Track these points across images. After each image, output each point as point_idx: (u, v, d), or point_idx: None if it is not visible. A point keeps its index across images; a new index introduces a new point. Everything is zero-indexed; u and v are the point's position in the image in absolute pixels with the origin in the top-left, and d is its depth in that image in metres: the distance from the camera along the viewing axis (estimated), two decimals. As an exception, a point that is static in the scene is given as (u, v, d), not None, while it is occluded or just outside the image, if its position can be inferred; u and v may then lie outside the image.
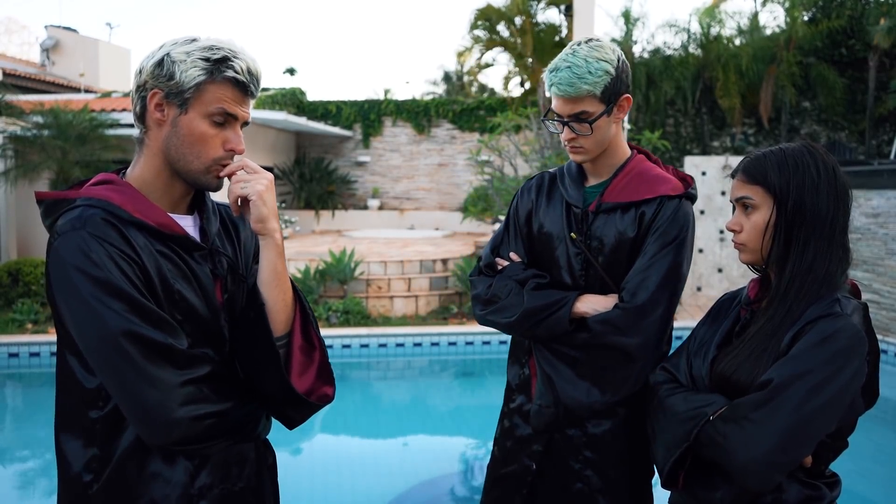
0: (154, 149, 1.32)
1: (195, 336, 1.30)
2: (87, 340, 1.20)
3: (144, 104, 1.30)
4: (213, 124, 1.30)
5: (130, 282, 1.20)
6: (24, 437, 5.60)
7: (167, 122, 1.30)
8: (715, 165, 9.31)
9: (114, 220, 1.24)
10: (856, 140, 13.28)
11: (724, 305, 1.61)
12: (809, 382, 1.29)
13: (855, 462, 4.38)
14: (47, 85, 14.73)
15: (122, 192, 1.29)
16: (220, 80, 1.28)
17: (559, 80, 1.71)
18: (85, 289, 1.18)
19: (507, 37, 14.27)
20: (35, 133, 9.16)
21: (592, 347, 1.74)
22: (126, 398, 1.20)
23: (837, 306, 1.35)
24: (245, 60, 1.30)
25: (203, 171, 1.32)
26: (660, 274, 1.71)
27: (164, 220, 1.29)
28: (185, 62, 1.27)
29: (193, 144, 1.30)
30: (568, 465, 1.80)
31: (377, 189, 15.21)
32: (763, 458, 1.29)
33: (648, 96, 12.93)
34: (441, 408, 6.24)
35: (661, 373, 1.61)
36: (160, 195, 1.34)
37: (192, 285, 1.31)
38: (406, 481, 4.22)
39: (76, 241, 1.20)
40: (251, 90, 1.32)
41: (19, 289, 8.29)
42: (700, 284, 9.42)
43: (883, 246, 7.53)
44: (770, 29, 13.58)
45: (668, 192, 1.77)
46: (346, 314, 7.78)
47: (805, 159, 1.42)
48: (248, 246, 1.48)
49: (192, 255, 1.33)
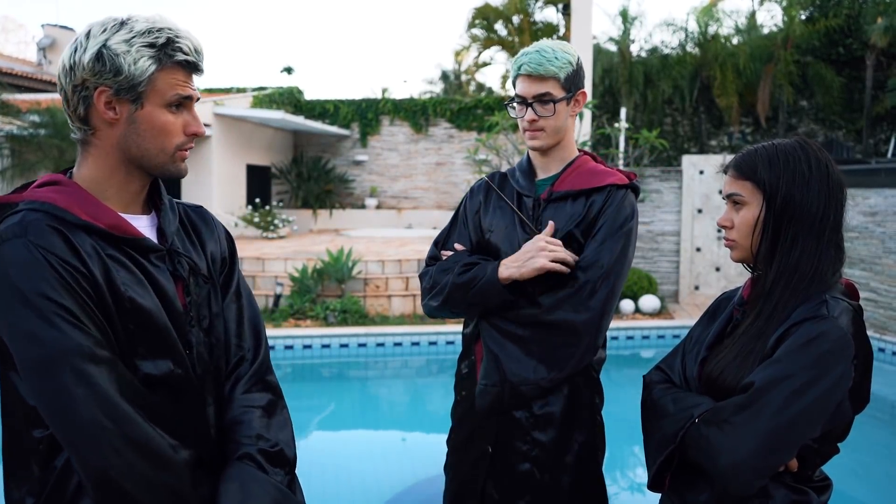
0: (106, 148, 1.22)
1: (153, 346, 1.21)
2: (24, 358, 1.10)
3: (88, 104, 1.19)
4: (170, 112, 1.22)
5: (75, 296, 1.11)
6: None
7: (121, 119, 1.20)
8: (712, 164, 9.31)
9: (58, 224, 1.14)
10: (853, 139, 13.30)
11: (721, 305, 1.59)
12: (791, 386, 1.26)
13: (853, 461, 4.38)
14: (44, 84, 14.71)
15: (68, 193, 1.20)
16: (171, 66, 1.20)
17: (528, 60, 1.82)
18: (28, 303, 1.09)
19: (504, 35, 14.29)
20: (32, 132, 9.15)
21: (541, 325, 1.80)
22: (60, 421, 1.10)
23: (824, 308, 1.30)
24: (188, 38, 1.21)
25: (169, 160, 1.25)
26: (610, 256, 1.80)
27: (115, 221, 1.20)
28: (129, 53, 1.16)
29: (156, 137, 1.22)
30: (515, 447, 1.85)
31: (375, 188, 15.20)
32: (744, 462, 1.27)
33: (646, 95, 12.95)
34: (438, 407, 6.24)
35: (656, 372, 1.59)
36: (113, 194, 1.24)
37: (148, 290, 1.21)
38: (403, 480, 4.22)
39: (16, 250, 1.11)
40: (200, 66, 1.24)
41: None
42: (698, 283, 9.43)
43: (880, 244, 7.55)
44: (767, 28, 13.60)
45: (616, 181, 1.88)
46: (344, 313, 7.77)
47: (797, 154, 1.38)
48: (215, 248, 1.40)
49: (149, 258, 1.24)
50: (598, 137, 10.80)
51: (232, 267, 1.43)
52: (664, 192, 9.44)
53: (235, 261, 1.45)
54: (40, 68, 16.80)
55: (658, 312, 8.60)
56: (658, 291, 9.04)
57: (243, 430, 1.30)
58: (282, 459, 1.31)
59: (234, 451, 1.28)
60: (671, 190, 9.47)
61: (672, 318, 8.39)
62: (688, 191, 9.34)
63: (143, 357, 1.20)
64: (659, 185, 9.43)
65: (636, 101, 12.85)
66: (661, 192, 9.43)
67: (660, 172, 9.55)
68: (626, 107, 12.22)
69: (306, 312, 7.83)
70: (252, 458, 1.27)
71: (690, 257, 9.41)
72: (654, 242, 9.49)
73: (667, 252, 9.55)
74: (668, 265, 9.57)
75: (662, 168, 9.79)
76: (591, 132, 10.02)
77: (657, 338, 7.90)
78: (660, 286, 9.36)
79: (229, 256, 1.43)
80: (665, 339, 7.85)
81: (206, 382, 1.30)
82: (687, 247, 9.42)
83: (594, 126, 11.30)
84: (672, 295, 9.55)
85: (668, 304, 9.24)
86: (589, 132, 9.76)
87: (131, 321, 1.18)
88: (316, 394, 6.67)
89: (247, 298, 1.43)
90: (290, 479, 1.33)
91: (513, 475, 1.86)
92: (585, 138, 9.39)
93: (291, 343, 7.18)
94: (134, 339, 1.19)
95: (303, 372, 7.20)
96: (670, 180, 9.48)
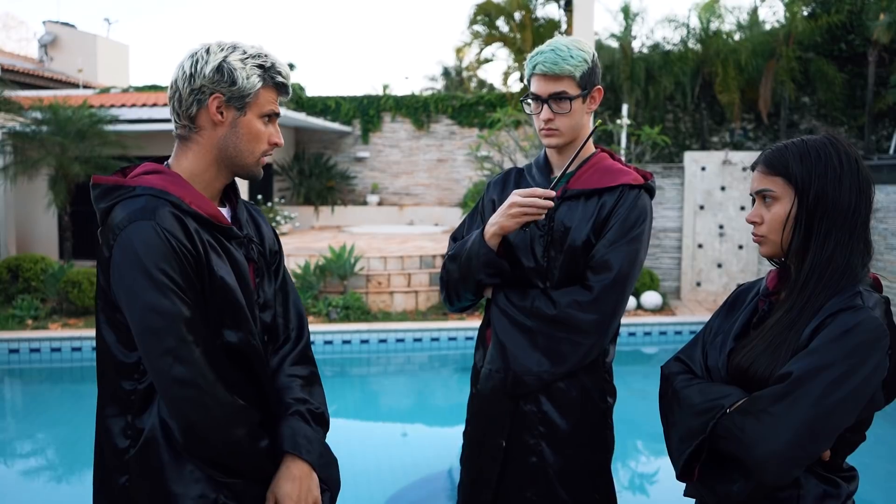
0: (207, 145, 1.46)
1: (234, 319, 1.43)
2: (140, 322, 1.33)
3: (201, 106, 1.43)
4: (264, 123, 1.48)
5: (186, 275, 1.35)
6: (24, 433, 5.61)
7: (226, 122, 1.45)
8: (714, 160, 9.31)
9: (177, 211, 1.38)
10: (855, 135, 13.28)
11: (740, 296, 1.59)
12: (830, 376, 1.27)
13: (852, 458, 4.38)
14: (46, 81, 14.71)
15: (176, 183, 1.43)
16: (271, 85, 1.47)
17: (543, 60, 1.82)
18: (150, 276, 1.32)
19: (506, 32, 14.26)
20: (34, 129, 9.15)
21: (550, 320, 1.83)
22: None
23: (859, 299, 1.33)
24: (284, 67, 1.49)
25: (254, 163, 1.49)
26: (620, 258, 1.81)
27: (214, 210, 1.45)
28: (244, 69, 1.42)
29: (251, 141, 1.47)
30: (524, 440, 1.88)
31: (376, 185, 15.21)
32: (782, 452, 1.28)
33: (648, 91, 12.93)
34: (441, 403, 6.25)
35: (676, 363, 1.59)
36: (204, 187, 1.48)
37: (230, 271, 1.44)
38: (406, 476, 4.24)
39: (144, 230, 1.34)
40: (289, 90, 1.52)
41: (19, 285, 8.29)
42: (699, 280, 9.43)
43: (882, 241, 7.55)
44: (769, 24, 13.58)
45: (629, 181, 1.88)
46: (346, 310, 7.78)
47: (827, 150, 1.40)
48: (270, 239, 1.64)
49: (232, 243, 1.48)
50: (600, 134, 10.79)
51: (280, 258, 1.67)
52: (666, 189, 9.44)
53: (282, 253, 1.69)
54: (42, 65, 16.80)
55: (660, 309, 8.61)
56: (660, 288, 9.05)
57: (290, 394, 1.55)
58: (323, 420, 1.58)
59: (284, 410, 1.53)
60: (673, 186, 9.47)
61: (674, 315, 8.40)
62: (689, 187, 9.34)
63: (227, 327, 1.43)
64: (661, 182, 9.42)
65: (638, 97, 12.83)
66: (662, 189, 9.42)
67: (661, 169, 9.55)
68: (628, 103, 12.21)
69: (309, 309, 7.84)
70: (301, 415, 1.53)
71: (692, 254, 9.42)
72: (656, 239, 9.49)
73: (668, 248, 9.56)
74: (669, 262, 9.57)
75: (664, 164, 9.79)
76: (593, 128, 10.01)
77: (659, 334, 7.91)
78: (661, 283, 9.36)
79: (279, 249, 1.67)
80: (667, 335, 7.86)
81: (264, 349, 1.53)
82: (689, 243, 9.42)
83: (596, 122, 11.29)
84: (674, 291, 9.56)
85: (670, 301, 9.24)
86: (590, 128, 9.75)
87: (219, 297, 1.41)
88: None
89: (292, 287, 1.68)
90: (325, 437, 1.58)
91: (525, 469, 1.88)
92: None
93: (294, 339, 7.20)
94: (222, 312, 1.42)
95: (305, 368, 7.21)
96: (672, 177, 9.48)
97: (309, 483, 1.47)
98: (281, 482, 1.45)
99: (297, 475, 1.46)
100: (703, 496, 1.46)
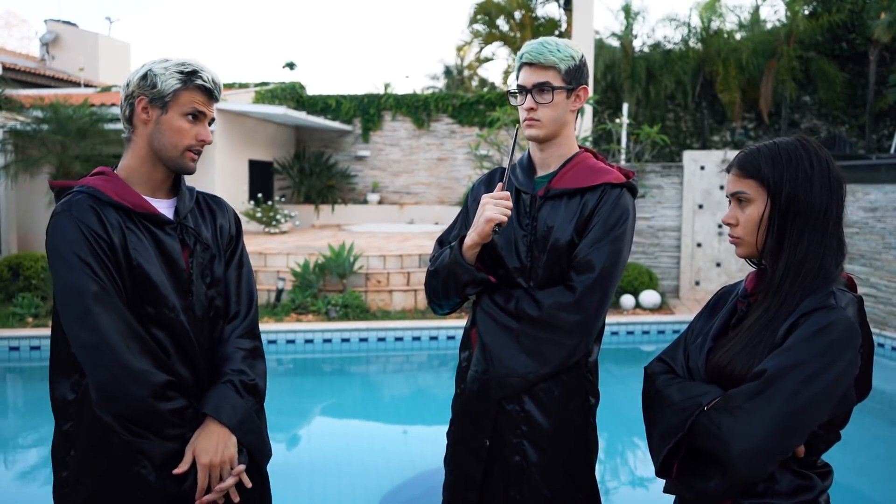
0: (140, 143, 1.69)
1: (151, 296, 1.63)
2: (57, 295, 1.58)
3: (132, 109, 1.68)
4: (187, 121, 1.67)
5: (97, 256, 1.56)
6: (25, 431, 5.63)
7: (151, 121, 1.67)
8: (714, 160, 9.32)
9: (95, 203, 1.61)
10: (856, 134, 13.29)
11: (722, 298, 1.63)
12: (803, 373, 1.30)
13: (852, 456, 4.40)
14: (47, 79, 14.72)
15: (108, 180, 1.67)
16: (192, 87, 1.67)
17: (530, 49, 1.87)
18: (63, 258, 1.56)
19: (506, 31, 14.28)
20: (35, 128, 9.16)
21: (534, 321, 1.84)
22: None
23: (832, 299, 1.36)
24: (210, 72, 1.69)
25: (179, 156, 1.68)
26: (603, 259, 1.82)
27: (137, 201, 1.66)
28: (164, 74, 1.65)
29: (173, 136, 1.67)
30: (507, 439, 1.89)
31: (377, 183, 15.22)
32: (756, 448, 1.31)
33: (648, 90, 12.94)
34: (439, 401, 6.27)
35: (658, 364, 1.62)
36: (143, 181, 1.70)
37: (154, 253, 1.65)
38: (404, 473, 4.25)
39: (62, 221, 1.59)
40: (215, 94, 1.72)
41: (20, 283, 8.31)
42: (698, 279, 9.44)
43: (880, 240, 7.56)
44: (770, 23, 13.58)
45: (611, 180, 1.89)
46: (346, 308, 7.80)
47: (798, 152, 1.43)
48: (225, 226, 1.83)
49: (163, 229, 1.68)
50: (600, 133, 10.80)
51: (237, 242, 1.85)
52: (665, 188, 9.45)
53: (240, 239, 1.87)
54: (43, 64, 16.82)
55: (658, 308, 8.62)
56: (658, 287, 9.06)
57: (230, 365, 1.72)
58: (255, 391, 1.74)
59: (219, 378, 1.71)
60: (672, 185, 9.48)
61: (672, 314, 8.40)
62: (689, 186, 9.35)
63: (147, 302, 1.63)
64: (660, 181, 9.44)
65: (638, 96, 12.84)
66: (661, 188, 9.43)
67: (661, 168, 9.56)
68: (628, 102, 12.22)
69: (308, 307, 7.86)
70: (233, 384, 1.70)
71: (691, 253, 9.43)
72: (655, 238, 9.50)
73: (667, 247, 9.57)
74: (668, 260, 9.58)
75: (663, 164, 9.79)
76: (593, 128, 10.02)
77: (657, 333, 7.92)
78: (660, 281, 9.37)
79: (236, 235, 1.85)
80: (665, 334, 7.87)
81: (205, 322, 1.72)
82: (688, 242, 9.43)
83: (595, 121, 11.30)
84: (673, 290, 9.57)
85: (669, 300, 9.25)
86: (590, 128, 9.76)
87: (133, 277, 1.61)
88: (317, 388, 6.71)
89: (246, 269, 1.86)
90: (258, 408, 1.75)
91: (509, 468, 1.89)
92: (587, 134, 9.40)
93: (293, 337, 7.22)
94: (138, 289, 1.62)
95: (304, 366, 7.23)
96: (671, 176, 9.49)
97: (226, 440, 1.63)
98: (199, 439, 1.61)
99: (214, 433, 1.62)
100: (681, 492, 1.48)
